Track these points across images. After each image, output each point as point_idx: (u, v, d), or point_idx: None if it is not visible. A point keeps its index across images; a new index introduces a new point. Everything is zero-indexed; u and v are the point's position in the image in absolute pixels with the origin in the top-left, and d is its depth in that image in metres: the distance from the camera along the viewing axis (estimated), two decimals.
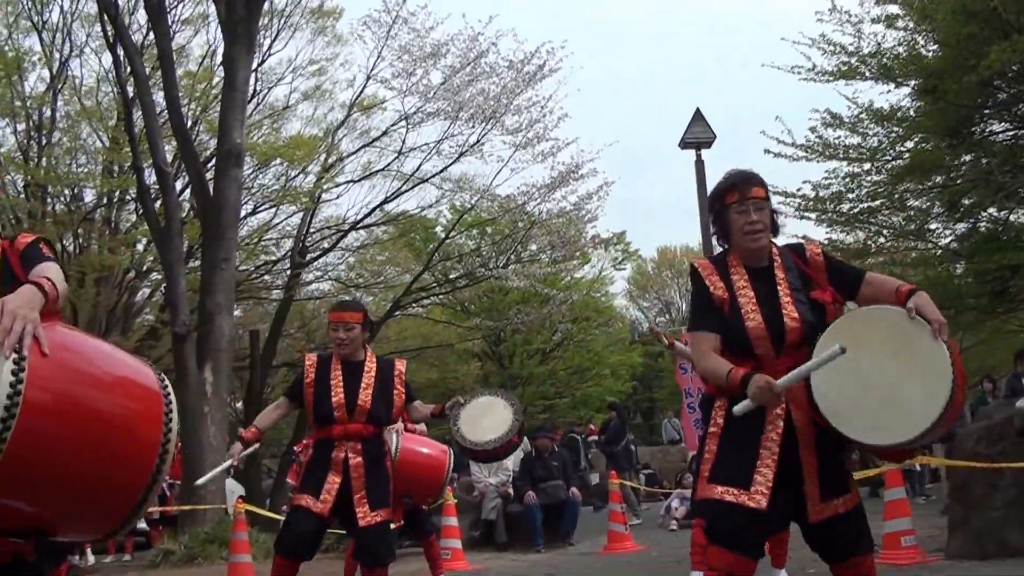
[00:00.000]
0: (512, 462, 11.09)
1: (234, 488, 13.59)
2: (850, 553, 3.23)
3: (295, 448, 14.93)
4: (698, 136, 14.73)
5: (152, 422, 2.28)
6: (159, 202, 14.71)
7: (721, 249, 3.55)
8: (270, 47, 18.55)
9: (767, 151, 15.07)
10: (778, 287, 3.32)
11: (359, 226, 19.88)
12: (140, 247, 19.36)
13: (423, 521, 7.30)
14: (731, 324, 3.30)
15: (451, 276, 21.32)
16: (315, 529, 4.86)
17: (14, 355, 2.00)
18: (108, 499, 2.25)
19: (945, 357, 2.97)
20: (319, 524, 4.86)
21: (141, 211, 17.82)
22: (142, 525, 11.99)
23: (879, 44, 14.04)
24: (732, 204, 3.36)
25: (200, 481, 7.22)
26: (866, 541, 3.30)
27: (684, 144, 14.87)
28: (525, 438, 12.19)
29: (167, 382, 2.40)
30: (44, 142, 18.52)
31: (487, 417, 5.00)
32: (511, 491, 10.69)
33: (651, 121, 67.90)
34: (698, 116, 14.80)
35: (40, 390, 2.02)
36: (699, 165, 14.74)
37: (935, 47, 13.58)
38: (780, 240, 3.59)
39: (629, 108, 66.61)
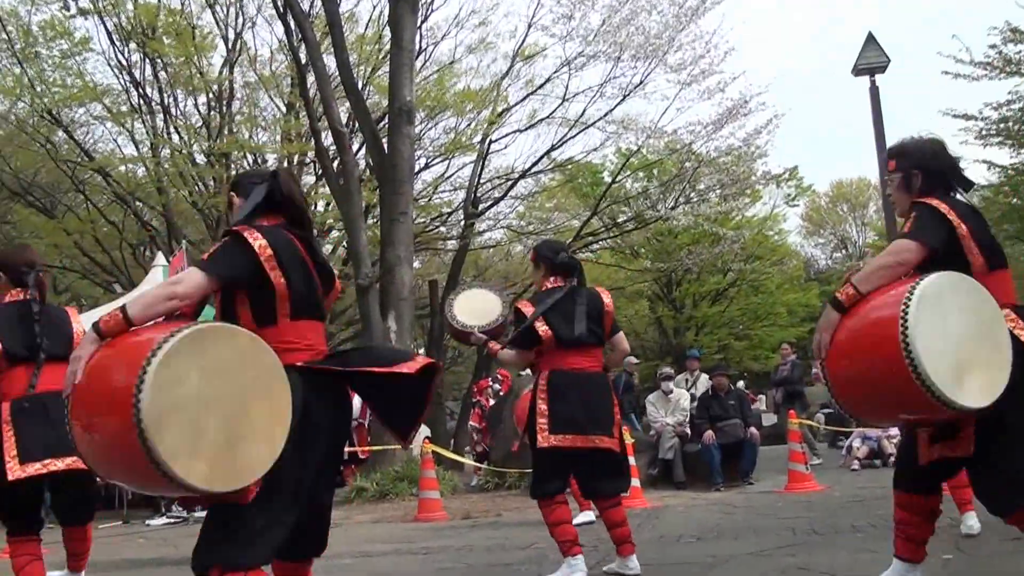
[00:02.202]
0: (688, 402, 11.16)
1: (420, 429, 14.22)
2: None
3: (474, 389, 15.47)
4: (871, 61, 14.11)
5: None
6: (337, 162, 15.34)
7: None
8: (432, 3, 18.89)
9: (945, 72, 14.34)
10: None
11: (527, 174, 20.14)
12: (321, 206, 20.26)
13: None
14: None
15: (619, 220, 21.37)
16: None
17: None
18: None
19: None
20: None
21: (320, 172, 18.65)
22: None
23: None
24: None
25: None
26: None
27: (857, 71, 14.29)
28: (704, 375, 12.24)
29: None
30: (225, 112, 19.58)
31: (478, 304, 5.25)
32: (688, 430, 10.75)
33: (821, 48, 64.96)
34: (871, 40, 14.17)
35: None
36: (874, 92, 14.14)
37: None
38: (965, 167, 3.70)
39: (798, 35, 63.90)
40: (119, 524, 10.69)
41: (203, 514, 9.18)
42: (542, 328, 4.98)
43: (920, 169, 3.57)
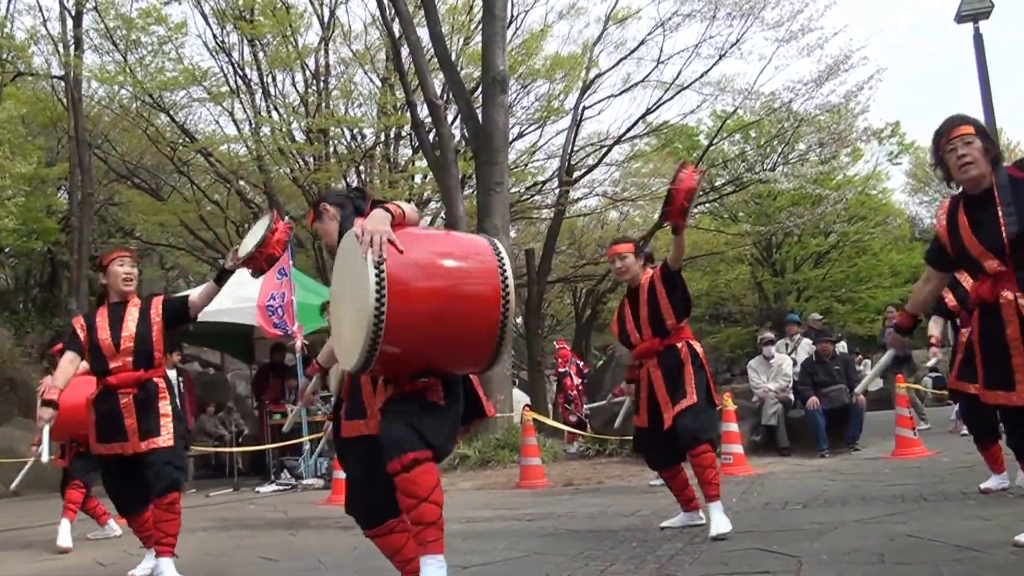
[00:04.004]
0: (790, 367, 10.99)
1: (520, 398, 14.38)
2: None
3: (557, 360, 15.50)
4: (975, 7, 13.50)
5: (489, 278, 3.03)
6: (433, 134, 15.48)
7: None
8: None
9: None
10: (997, 207, 3.76)
11: (622, 139, 19.98)
12: (418, 179, 20.48)
13: None
14: (956, 250, 3.90)
15: (717, 183, 21.05)
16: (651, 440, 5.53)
17: (375, 259, 2.84)
18: (470, 342, 3.06)
19: None
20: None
21: (417, 144, 18.83)
22: None
23: None
24: (944, 147, 3.93)
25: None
26: None
27: (960, 17, 13.70)
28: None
29: (499, 246, 3.10)
30: (322, 89, 19.90)
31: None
32: (791, 396, 10.61)
33: None
34: None
35: (397, 281, 2.88)
36: (978, 40, 13.55)
37: None
38: None
39: None
40: (230, 492, 11.13)
41: (311, 482, 9.45)
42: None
43: (991, 142, 3.93)
